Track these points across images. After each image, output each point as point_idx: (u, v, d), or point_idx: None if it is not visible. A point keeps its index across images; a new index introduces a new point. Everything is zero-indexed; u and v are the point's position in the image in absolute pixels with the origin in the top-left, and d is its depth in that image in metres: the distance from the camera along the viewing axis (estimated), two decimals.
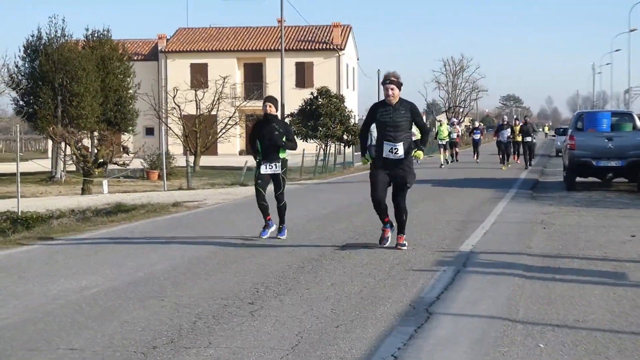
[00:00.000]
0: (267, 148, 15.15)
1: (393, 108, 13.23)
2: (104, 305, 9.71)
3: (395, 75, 13.31)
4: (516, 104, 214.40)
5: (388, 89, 13.26)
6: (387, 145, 13.25)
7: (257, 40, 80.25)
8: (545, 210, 19.89)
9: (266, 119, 15.26)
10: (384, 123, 13.28)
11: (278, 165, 15.23)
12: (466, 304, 9.53)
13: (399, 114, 13.20)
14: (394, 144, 13.17)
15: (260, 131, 15.24)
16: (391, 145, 13.20)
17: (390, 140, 13.19)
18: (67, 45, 48.84)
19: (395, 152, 13.20)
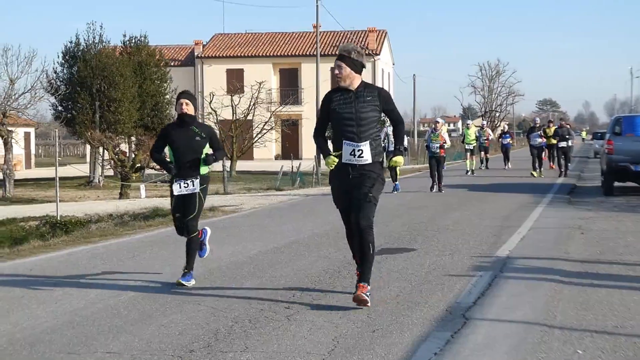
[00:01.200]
0: (183, 160, 11.49)
1: (355, 95, 9.89)
2: (142, 309, 9.77)
3: (348, 49, 10.06)
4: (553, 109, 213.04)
5: (335, 67, 10.04)
6: (347, 146, 9.76)
7: (292, 46, 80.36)
8: (582, 216, 19.77)
9: (181, 121, 11.59)
10: (342, 116, 9.84)
11: (196, 182, 11.51)
12: (503, 309, 9.50)
13: (363, 102, 9.86)
14: (356, 144, 9.70)
15: (172, 137, 11.61)
16: (353, 145, 9.73)
17: (352, 139, 9.74)
18: (105, 51, 49.13)
19: (359, 156, 9.71)
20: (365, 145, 9.79)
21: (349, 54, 10.01)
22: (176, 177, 11.55)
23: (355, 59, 10.03)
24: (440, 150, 29.05)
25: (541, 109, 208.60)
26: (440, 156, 29.09)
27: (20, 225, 25.67)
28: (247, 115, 55.77)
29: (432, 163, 29.16)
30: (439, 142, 28.83)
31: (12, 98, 41.67)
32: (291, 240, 15.67)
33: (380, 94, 10.12)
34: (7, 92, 41.55)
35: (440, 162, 29.13)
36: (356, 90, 10.00)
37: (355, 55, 10.04)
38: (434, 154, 29.06)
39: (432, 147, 29.08)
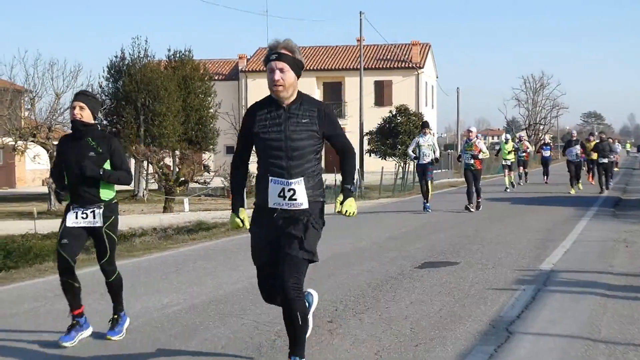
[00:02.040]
0: (76, 182, 8.94)
1: (287, 113, 7.29)
2: (185, 323, 9.80)
3: (290, 46, 7.30)
4: (597, 121, 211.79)
5: (274, 70, 7.25)
6: (274, 184, 7.29)
7: (336, 60, 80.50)
8: (627, 229, 19.62)
9: (75, 133, 9.03)
10: (267, 143, 7.36)
11: (98, 213, 8.95)
12: (547, 323, 9.44)
13: (297, 123, 7.26)
14: (287, 181, 7.23)
15: (63, 152, 9.07)
16: (281, 184, 7.26)
17: (280, 175, 7.27)
18: (150, 65, 49.49)
19: (290, 198, 7.26)
20: (298, 184, 7.25)
21: (292, 53, 7.29)
22: (72, 203, 9.05)
23: (299, 59, 7.35)
24: (476, 162, 26.05)
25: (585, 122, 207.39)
26: (476, 169, 26.16)
27: None
28: None
29: (468, 176, 26.21)
30: (473, 152, 25.93)
31: (57, 112, 42.07)
32: (333, 254, 15.66)
33: (320, 112, 7.34)
34: (53, 107, 41.99)
35: (476, 176, 26.23)
36: (289, 107, 7.30)
37: (298, 55, 7.34)
38: (469, 166, 26.20)
39: (466, 159, 26.23)
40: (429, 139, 25.98)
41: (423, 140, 25.86)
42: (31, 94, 42.37)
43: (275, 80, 7.21)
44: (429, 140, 25.94)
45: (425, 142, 25.86)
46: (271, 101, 7.38)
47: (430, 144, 25.88)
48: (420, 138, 26.03)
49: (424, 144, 25.82)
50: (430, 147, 25.87)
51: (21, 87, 43.68)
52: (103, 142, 8.91)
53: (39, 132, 41.01)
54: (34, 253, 23.01)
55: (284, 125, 7.23)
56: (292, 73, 7.24)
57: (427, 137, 26.01)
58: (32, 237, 26.29)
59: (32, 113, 42.45)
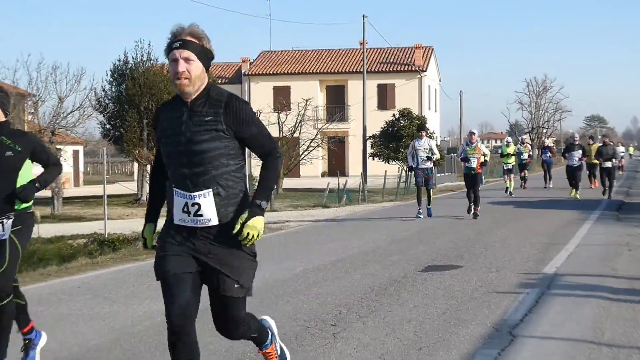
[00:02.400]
0: None
1: (189, 110, 6.02)
2: None
3: (196, 33, 6.04)
4: (601, 124, 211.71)
5: (178, 60, 5.95)
6: (178, 197, 6.04)
7: (339, 63, 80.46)
8: (631, 232, 19.61)
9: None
10: (167, 148, 6.11)
11: (7, 224, 7.71)
12: (550, 326, 9.44)
13: (199, 123, 5.95)
14: (189, 193, 5.97)
15: None
16: (184, 197, 6.00)
17: (183, 187, 6.01)
18: (153, 69, 49.43)
19: (195, 214, 5.99)
20: (203, 197, 5.94)
21: (200, 40, 6.04)
22: None
23: (208, 48, 6.12)
24: (477, 166, 25.23)
25: (588, 125, 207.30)
26: (476, 173, 25.42)
27: (68, 243, 25.85)
28: (293, 132, 55.84)
29: (468, 180, 25.51)
30: (477, 155, 25.19)
31: (61, 116, 42.02)
32: (337, 258, 15.67)
33: (228, 107, 5.99)
34: (56, 110, 41.91)
35: (476, 180, 25.44)
36: (192, 103, 6.02)
37: (207, 43, 6.10)
38: (469, 170, 25.40)
39: (469, 162, 25.32)
40: (425, 142, 25.10)
41: (419, 144, 25.09)
42: (34, 97, 42.32)
43: (178, 73, 5.91)
44: (425, 144, 25.06)
45: (421, 147, 25.02)
46: (177, 99, 6.12)
47: (426, 148, 24.95)
48: (417, 142, 25.33)
49: (420, 147, 24.98)
50: (427, 150, 24.92)
51: (24, 91, 43.64)
52: (19, 140, 7.81)
53: (43, 135, 40.92)
54: (37, 257, 22.97)
55: (185, 125, 5.93)
56: (200, 64, 6.00)
57: (423, 140, 25.16)
58: (36, 241, 26.26)
59: (36, 117, 42.44)
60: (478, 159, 25.20)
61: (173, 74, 5.92)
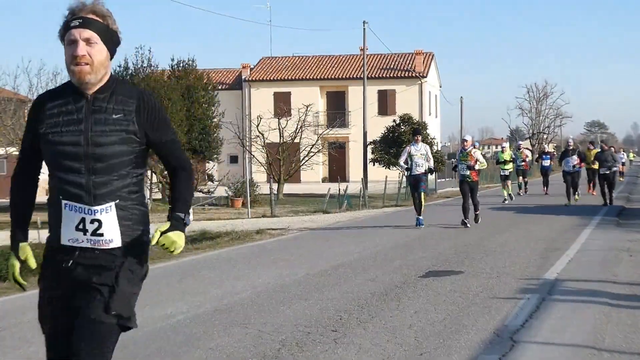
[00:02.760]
0: None
1: (90, 104, 4.95)
2: (189, 332, 9.81)
3: (99, 11, 4.91)
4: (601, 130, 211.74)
5: (77, 42, 4.83)
6: (70, 212, 4.96)
7: (339, 69, 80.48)
8: (631, 238, 19.61)
9: None
10: (58, 148, 4.94)
11: None
12: (551, 332, 9.45)
13: (105, 121, 4.92)
14: (88, 207, 4.91)
15: None
16: (80, 211, 4.93)
17: (79, 199, 4.93)
18: (153, 75, 49.44)
19: (94, 232, 4.96)
20: (106, 212, 4.95)
21: (104, 19, 4.97)
22: None
23: (114, 30, 5.03)
24: (472, 173, 24.12)
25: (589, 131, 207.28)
26: (472, 181, 24.30)
27: None
28: (294, 138, 55.88)
29: (464, 189, 24.35)
30: (469, 162, 24.03)
31: None
32: (338, 263, 15.67)
33: (141, 105, 5.03)
34: None
35: (473, 188, 24.36)
36: (94, 97, 4.98)
37: (113, 23, 5.02)
38: (465, 178, 24.31)
39: (462, 169, 24.32)
40: (421, 147, 23.88)
41: (415, 149, 23.74)
42: None
43: (77, 56, 4.80)
44: (421, 149, 23.83)
45: (417, 152, 23.71)
46: (69, 89, 4.98)
47: (423, 153, 23.71)
48: (412, 147, 23.88)
49: (416, 153, 23.69)
50: (423, 156, 23.67)
51: (25, 97, 43.63)
52: None
53: None
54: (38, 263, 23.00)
55: (85, 123, 4.86)
56: (104, 47, 4.90)
57: (419, 145, 23.90)
58: (36, 247, 26.21)
59: None
60: (471, 165, 23.91)
61: (70, 59, 4.82)
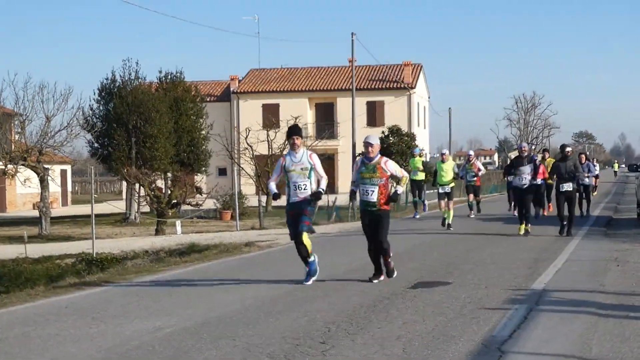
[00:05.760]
0: None
1: None
2: (177, 345, 9.78)
3: None
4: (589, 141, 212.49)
5: None
6: None
7: (328, 80, 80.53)
8: (619, 248, 19.65)
9: None
10: None
11: None
12: (539, 342, 9.45)
13: None
14: None
15: None
16: None
17: None
18: (141, 87, 49.42)
19: None
20: None
21: None
22: None
23: None
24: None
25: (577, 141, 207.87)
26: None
27: (56, 262, 25.82)
28: (283, 150, 55.81)
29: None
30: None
31: (48, 135, 41.99)
32: (326, 275, 15.66)
33: None
34: (44, 130, 41.87)
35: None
36: None
37: None
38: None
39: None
40: (303, 157, 14.84)
41: (292, 160, 14.83)
42: (21, 117, 42.24)
43: None
44: (302, 159, 14.76)
45: (295, 164, 14.75)
46: None
47: (305, 167, 14.72)
48: (288, 158, 14.92)
49: (292, 167, 14.80)
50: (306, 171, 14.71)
51: (11, 110, 43.59)
52: None
53: (30, 155, 40.91)
54: (25, 277, 22.93)
55: None
56: None
57: (299, 154, 14.85)
58: (23, 261, 26.21)
59: (23, 136, 42.36)
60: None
61: None
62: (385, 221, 15.01)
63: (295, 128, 15.15)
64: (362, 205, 15.16)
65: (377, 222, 14.93)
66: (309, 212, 14.88)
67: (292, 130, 15.05)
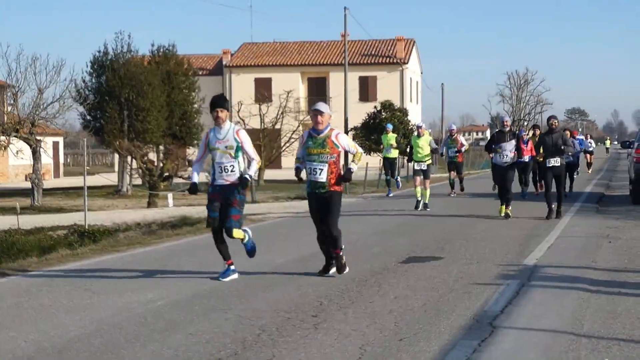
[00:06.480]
0: None
1: None
2: (169, 317, 9.79)
3: None
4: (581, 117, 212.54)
5: None
6: None
7: (320, 55, 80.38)
8: (610, 224, 19.68)
9: None
10: None
11: None
12: (530, 317, 9.48)
13: None
14: None
15: None
16: None
17: None
18: (133, 60, 49.28)
19: None
20: None
21: None
22: None
23: None
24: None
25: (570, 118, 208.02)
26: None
27: (48, 234, 25.80)
28: (275, 124, 55.86)
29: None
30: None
31: (40, 107, 41.85)
32: (318, 250, 15.64)
33: None
34: (36, 102, 41.74)
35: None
36: None
37: None
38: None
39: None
40: (228, 132, 12.79)
41: (216, 136, 12.82)
42: (14, 89, 42.10)
43: None
44: (228, 136, 12.73)
45: (220, 142, 12.77)
46: None
47: (230, 145, 12.72)
48: (212, 133, 12.89)
49: (217, 145, 12.78)
50: (230, 149, 12.78)
51: (3, 82, 43.44)
52: None
53: (22, 127, 40.79)
54: (17, 248, 22.94)
55: None
56: None
57: (224, 129, 12.80)
58: (15, 232, 26.21)
59: (15, 108, 42.22)
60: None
61: None
62: (336, 205, 12.77)
63: (218, 99, 12.91)
64: (310, 187, 12.91)
65: (327, 206, 12.71)
66: (238, 203, 12.59)
67: (216, 101, 12.78)
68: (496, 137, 22.46)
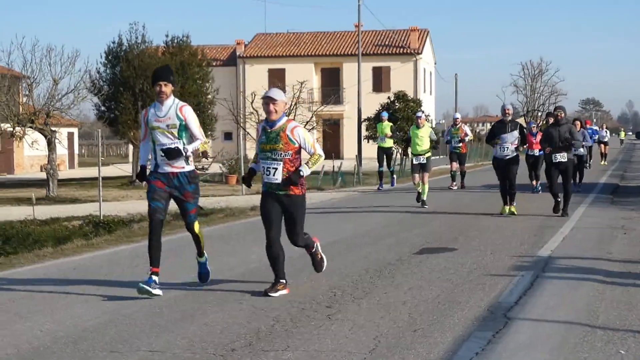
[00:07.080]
0: None
1: None
2: (183, 308, 9.82)
3: None
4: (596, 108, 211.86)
5: None
6: None
7: (334, 45, 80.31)
8: (625, 215, 19.62)
9: None
10: None
11: None
12: (545, 309, 9.46)
13: None
14: None
15: None
16: None
17: None
18: (148, 51, 49.30)
19: None
20: None
21: None
22: None
23: None
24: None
25: (584, 108, 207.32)
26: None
27: (63, 224, 25.85)
28: (288, 115, 55.75)
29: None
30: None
31: (55, 98, 41.90)
32: (331, 240, 15.66)
33: None
34: (51, 93, 41.79)
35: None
36: None
37: None
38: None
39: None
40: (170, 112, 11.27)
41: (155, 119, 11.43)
42: (29, 80, 42.16)
43: None
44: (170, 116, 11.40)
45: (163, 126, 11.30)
46: None
47: (172, 124, 11.26)
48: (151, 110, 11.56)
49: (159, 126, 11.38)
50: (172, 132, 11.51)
51: (19, 73, 43.51)
52: None
53: (37, 118, 40.83)
54: (33, 239, 23.00)
55: None
56: None
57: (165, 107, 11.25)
58: (31, 222, 26.28)
59: (30, 99, 42.29)
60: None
61: None
62: (299, 211, 10.85)
63: (162, 71, 11.34)
64: (265, 186, 10.83)
65: (288, 213, 10.83)
66: (192, 196, 11.08)
67: (158, 74, 11.16)
68: (496, 128, 20.55)
